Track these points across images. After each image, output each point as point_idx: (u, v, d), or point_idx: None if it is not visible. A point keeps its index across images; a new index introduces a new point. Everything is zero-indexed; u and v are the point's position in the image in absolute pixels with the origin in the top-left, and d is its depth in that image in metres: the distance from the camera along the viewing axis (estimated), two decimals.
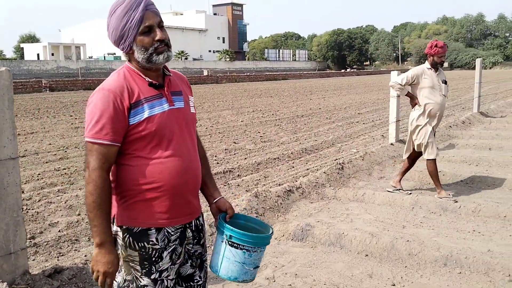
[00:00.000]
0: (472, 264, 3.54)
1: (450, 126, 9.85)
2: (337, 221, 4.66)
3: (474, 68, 11.51)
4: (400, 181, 5.65)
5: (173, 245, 1.91)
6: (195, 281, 2.06)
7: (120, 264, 1.90)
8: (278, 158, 7.93)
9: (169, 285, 1.95)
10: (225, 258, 1.98)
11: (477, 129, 9.94)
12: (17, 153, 3.03)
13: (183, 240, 1.96)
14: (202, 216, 2.09)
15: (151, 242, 1.87)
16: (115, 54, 59.68)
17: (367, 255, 3.88)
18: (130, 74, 1.90)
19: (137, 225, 1.87)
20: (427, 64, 5.40)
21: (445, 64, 76.16)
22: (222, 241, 1.99)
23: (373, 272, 3.58)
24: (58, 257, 4.02)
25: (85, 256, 3.61)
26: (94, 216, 1.79)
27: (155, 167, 1.85)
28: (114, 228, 1.90)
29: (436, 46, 5.28)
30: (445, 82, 5.41)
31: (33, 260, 3.92)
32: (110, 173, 1.89)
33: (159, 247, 1.88)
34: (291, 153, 8.32)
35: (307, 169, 7.08)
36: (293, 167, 7.34)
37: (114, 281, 1.92)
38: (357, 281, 3.45)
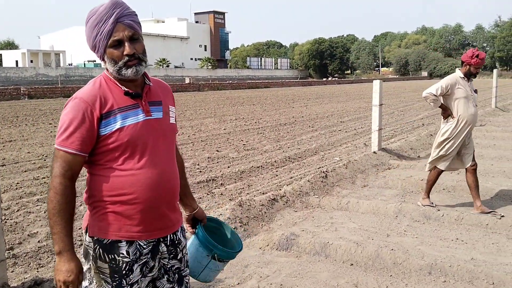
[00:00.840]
0: (456, 273, 3.56)
1: (431, 135, 9.95)
2: (321, 230, 4.65)
3: None
4: (428, 196, 5.32)
5: (145, 258, 1.88)
6: None
7: (91, 275, 1.87)
8: (261, 166, 7.91)
9: None
10: (207, 268, 2.15)
11: None
12: None
13: (156, 254, 1.92)
14: (182, 231, 2.04)
15: (121, 255, 1.83)
16: (95, 61, 59.13)
17: (352, 264, 3.87)
18: (107, 82, 1.87)
19: (107, 237, 1.83)
20: (459, 73, 5.09)
21: (424, 73, 77.47)
22: (207, 255, 2.12)
23: (358, 281, 3.57)
24: (37, 269, 3.91)
25: None
26: (53, 223, 1.76)
27: (127, 178, 1.81)
28: (87, 239, 1.87)
29: (477, 57, 4.94)
30: (476, 92, 5.18)
31: (12, 271, 3.81)
32: (86, 183, 1.88)
33: (129, 260, 1.84)
34: (275, 161, 8.31)
35: (291, 178, 7.07)
36: (276, 175, 7.33)
37: None
38: None
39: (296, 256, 4.07)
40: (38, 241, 4.53)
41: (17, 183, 6.68)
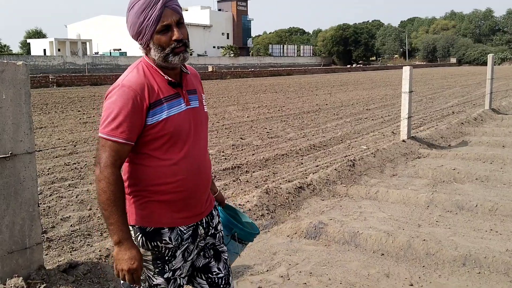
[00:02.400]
0: (491, 264, 3.46)
1: (462, 123, 9.72)
2: (350, 219, 4.58)
3: (482, 64, 11.40)
4: None
5: (186, 243, 1.89)
6: (214, 273, 2.02)
7: None
8: (286, 154, 7.85)
9: (181, 283, 1.93)
10: (227, 250, 2.13)
11: (490, 126, 9.82)
12: (33, 147, 2.98)
13: (196, 238, 1.94)
14: (215, 208, 2.08)
15: (164, 241, 1.84)
16: (120, 49, 59.70)
17: (383, 254, 3.80)
18: (149, 70, 1.83)
19: (150, 225, 1.84)
20: None
21: (453, 60, 75.67)
22: (227, 235, 2.16)
23: (389, 271, 3.51)
24: (71, 252, 3.97)
25: (99, 251, 3.56)
26: (109, 214, 1.75)
27: (169, 168, 1.81)
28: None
29: None
30: None
31: (46, 255, 3.87)
32: (123, 171, 1.86)
33: (172, 246, 1.85)
34: (299, 149, 8.24)
35: (317, 166, 6.99)
36: (302, 163, 7.26)
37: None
38: (373, 280, 3.38)
39: (325, 245, 4.02)
40: (71, 225, 4.60)
41: (49, 168, 6.79)
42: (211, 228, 2.02)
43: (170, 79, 1.83)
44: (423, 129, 9.86)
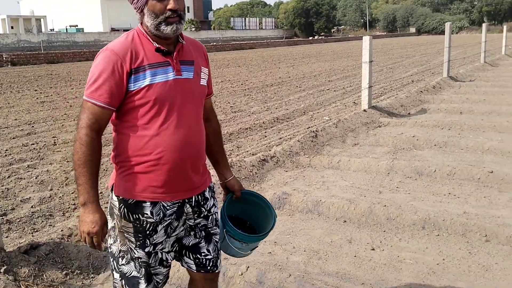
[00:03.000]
0: (449, 226, 3.59)
1: (421, 91, 9.93)
2: (313, 188, 4.64)
3: (441, 33, 11.59)
4: None
5: (169, 219, 1.87)
6: (203, 254, 2.01)
7: (115, 234, 1.88)
8: (249, 128, 7.85)
9: (164, 257, 1.92)
10: (225, 241, 2.07)
11: (448, 93, 10.06)
12: None
13: (181, 216, 1.91)
14: (211, 190, 2.03)
15: (145, 215, 1.83)
16: (77, 26, 57.56)
17: (345, 221, 3.89)
18: (140, 37, 1.82)
19: (132, 197, 1.83)
20: None
21: (412, 29, 76.65)
22: (223, 229, 2.06)
23: (352, 237, 3.59)
24: (32, 233, 3.89)
25: (61, 230, 3.49)
26: (78, 174, 1.76)
27: (152, 139, 1.79)
28: (113, 197, 1.88)
29: None
30: None
31: (7, 237, 3.77)
32: (113, 142, 1.86)
33: (153, 220, 1.84)
34: (263, 122, 8.24)
35: (280, 138, 7.03)
36: (265, 136, 7.28)
37: (109, 249, 1.91)
38: (336, 246, 3.46)
39: (289, 215, 4.07)
40: (31, 207, 4.48)
41: (6, 149, 6.57)
42: (203, 209, 1.98)
43: (158, 46, 1.80)
44: (383, 98, 10.02)
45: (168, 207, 1.86)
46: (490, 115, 7.60)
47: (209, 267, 2.03)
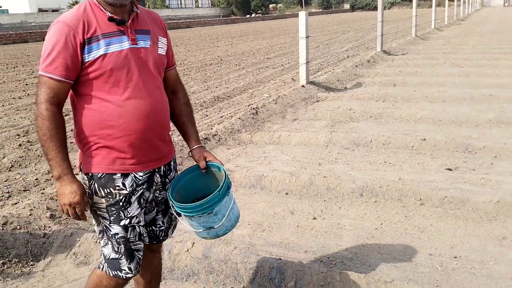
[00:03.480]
0: (386, 192, 3.74)
1: (357, 66, 10.18)
2: (255, 164, 4.67)
3: (374, 9, 11.88)
4: None
5: (141, 189, 1.86)
6: (158, 226, 2.03)
7: (89, 214, 1.85)
8: None
9: (141, 232, 1.90)
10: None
11: (382, 67, 10.39)
12: None
13: (152, 185, 1.90)
14: (174, 161, 2.03)
15: (117, 187, 1.80)
16: (1, 7, 53.90)
17: (287, 193, 3.95)
18: (92, 7, 1.76)
19: (101, 171, 1.79)
20: None
21: (347, 6, 78.12)
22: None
23: (294, 208, 3.66)
24: None
25: None
26: (47, 150, 1.72)
27: (114, 110, 1.75)
28: (83, 177, 1.85)
29: None
30: None
31: None
32: (73, 120, 1.84)
33: (126, 192, 1.81)
34: (203, 102, 8.15)
35: (221, 117, 6.99)
36: (206, 115, 7.21)
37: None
38: (279, 218, 3.51)
39: (232, 191, 4.07)
40: None
41: None
42: (167, 180, 1.98)
43: (111, 15, 1.75)
44: (321, 74, 10.19)
45: (140, 178, 1.85)
46: (422, 86, 7.94)
47: (161, 237, 2.07)
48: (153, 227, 2.03)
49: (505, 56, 10.82)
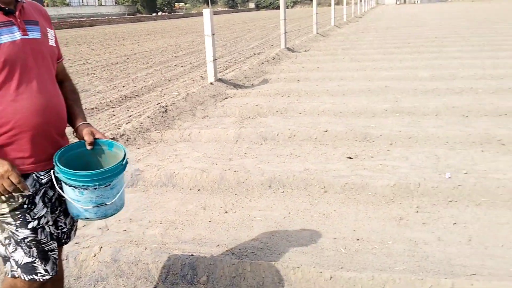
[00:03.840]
0: (292, 183, 3.89)
1: (263, 63, 10.41)
2: (166, 162, 4.62)
3: (278, 8, 12.20)
4: None
5: (44, 188, 1.76)
6: (60, 228, 1.93)
7: None
8: (96, 107, 7.46)
9: (52, 231, 1.81)
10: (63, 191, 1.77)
11: (286, 63, 10.71)
12: None
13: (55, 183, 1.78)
14: None
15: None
16: None
17: (199, 190, 3.97)
18: None
19: None
20: None
21: (252, 5, 79.37)
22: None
23: (206, 204, 3.69)
24: None
25: None
26: None
27: (9, 105, 1.63)
28: None
29: None
30: None
31: None
32: None
33: (29, 193, 1.70)
34: (110, 101, 7.89)
35: (130, 116, 6.82)
36: (114, 115, 6.99)
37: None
38: (192, 214, 3.52)
39: (143, 191, 4.01)
40: None
41: None
42: None
43: None
44: (229, 71, 10.29)
45: (41, 177, 1.76)
46: (323, 81, 8.32)
47: (63, 240, 1.98)
48: (55, 229, 1.93)
49: (398, 50, 11.65)
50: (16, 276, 1.80)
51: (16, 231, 1.72)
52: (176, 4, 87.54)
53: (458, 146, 4.66)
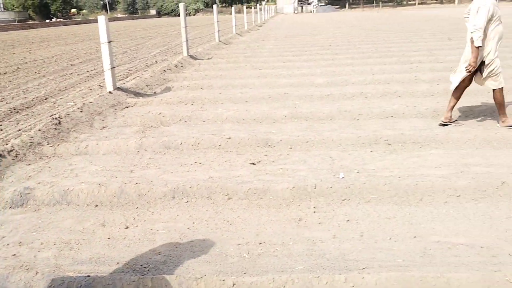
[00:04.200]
0: (196, 192, 3.87)
1: (165, 70, 10.26)
2: (60, 178, 4.36)
3: (179, 15, 12.12)
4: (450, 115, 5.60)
5: None
6: None
7: None
8: None
9: None
10: None
11: (189, 71, 10.65)
12: None
13: None
14: None
15: None
16: None
17: (97, 205, 3.79)
18: None
19: None
20: None
21: (153, 11, 78.06)
22: None
23: (105, 220, 3.54)
24: None
25: None
26: None
27: None
28: None
29: None
30: None
31: None
32: None
33: None
34: None
35: (19, 130, 6.34)
36: (1, 129, 6.47)
37: None
38: (89, 232, 3.35)
39: (34, 210, 3.75)
40: None
41: None
42: None
43: None
44: (129, 79, 10.00)
45: None
46: (226, 89, 8.39)
47: None
48: None
49: (296, 58, 12.11)
50: None
51: None
52: (72, 10, 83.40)
53: (350, 147, 4.95)
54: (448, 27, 21.13)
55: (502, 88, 5.29)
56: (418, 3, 70.70)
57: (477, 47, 4.98)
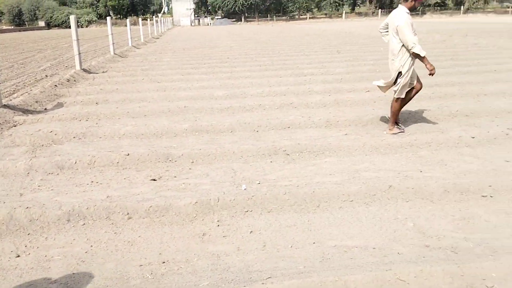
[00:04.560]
0: (93, 213, 3.70)
1: (56, 85, 9.71)
2: None
3: (70, 26, 11.58)
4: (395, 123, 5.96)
5: None
6: None
7: None
8: None
9: None
10: None
11: (83, 85, 10.19)
12: None
13: None
14: None
15: None
16: None
17: None
18: None
19: None
20: (405, 9, 5.39)
21: (42, 23, 73.70)
22: None
23: None
24: None
25: None
26: None
27: None
28: None
29: None
30: None
31: None
32: None
33: None
34: None
35: None
36: None
37: None
38: None
39: None
40: None
41: None
42: None
43: None
44: (16, 96, 9.30)
45: None
46: (123, 103, 8.16)
47: None
48: None
49: (195, 71, 12.13)
50: None
51: None
52: None
53: (251, 159, 5.07)
54: (336, 40, 22.52)
55: (400, 99, 5.76)
56: (309, 18, 74.49)
57: (424, 56, 5.36)
